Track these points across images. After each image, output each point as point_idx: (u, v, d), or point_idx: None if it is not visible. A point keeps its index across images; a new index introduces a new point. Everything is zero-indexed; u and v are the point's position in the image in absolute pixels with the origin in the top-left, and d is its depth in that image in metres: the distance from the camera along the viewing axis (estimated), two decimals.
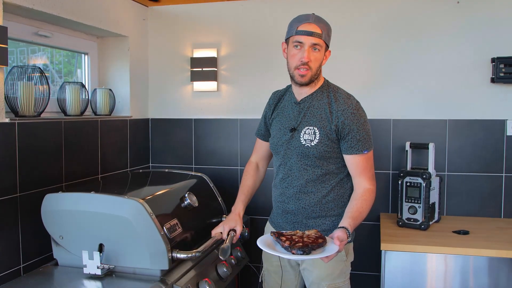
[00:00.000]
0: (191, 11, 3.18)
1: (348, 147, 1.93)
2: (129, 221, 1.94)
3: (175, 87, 3.26)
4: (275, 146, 2.06)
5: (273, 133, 2.09)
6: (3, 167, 2.02)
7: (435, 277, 2.32)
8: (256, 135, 2.28)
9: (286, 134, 2.01)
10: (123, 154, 3.00)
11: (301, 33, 1.87)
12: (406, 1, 2.85)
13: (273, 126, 2.11)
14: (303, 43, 1.88)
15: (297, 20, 1.92)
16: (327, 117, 1.94)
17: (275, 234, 1.77)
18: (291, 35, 1.92)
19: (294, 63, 1.92)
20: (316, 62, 1.91)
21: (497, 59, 2.69)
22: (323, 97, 1.98)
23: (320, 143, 1.93)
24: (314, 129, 1.95)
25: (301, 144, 1.95)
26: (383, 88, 2.91)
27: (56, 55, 2.80)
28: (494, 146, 2.79)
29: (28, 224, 2.15)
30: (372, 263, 2.96)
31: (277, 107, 2.12)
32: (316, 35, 1.87)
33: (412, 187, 2.60)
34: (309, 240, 1.70)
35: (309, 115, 1.97)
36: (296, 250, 1.65)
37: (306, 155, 1.95)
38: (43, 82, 2.29)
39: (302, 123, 1.98)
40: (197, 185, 2.60)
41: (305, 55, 1.87)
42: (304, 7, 2.94)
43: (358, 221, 1.85)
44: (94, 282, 1.94)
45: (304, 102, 2.00)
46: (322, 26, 1.90)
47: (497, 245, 2.26)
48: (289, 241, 1.70)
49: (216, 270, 2.28)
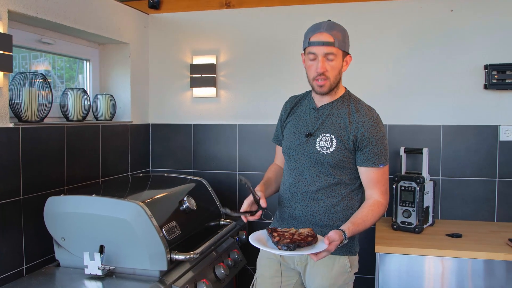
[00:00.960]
0: (190, 19, 3.25)
1: (364, 159, 1.92)
2: (129, 223, 2.00)
3: (175, 93, 3.32)
4: (287, 149, 2.04)
5: (286, 136, 2.08)
6: (7, 171, 2.08)
7: (429, 279, 2.36)
8: (274, 142, 2.26)
9: (300, 138, 1.99)
10: (123, 159, 3.06)
11: (313, 44, 1.87)
12: (400, 9, 2.92)
13: (286, 129, 2.10)
14: (316, 54, 1.87)
15: (310, 30, 1.91)
16: (345, 126, 1.93)
17: (268, 230, 1.80)
18: (306, 47, 1.92)
19: (311, 75, 1.92)
20: (333, 71, 1.89)
21: (490, 66, 2.75)
22: (344, 106, 1.98)
23: (336, 151, 1.91)
24: (331, 136, 1.93)
25: (316, 150, 1.93)
26: (378, 94, 2.97)
27: (58, 61, 2.87)
28: (487, 151, 2.85)
29: (31, 226, 2.20)
30: (367, 266, 3.00)
31: (293, 111, 2.10)
32: (327, 44, 1.84)
33: (406, 191, 2.65)
34: (298, 238, 1.72)
35: (327, 122, 1.96)
36: (281, 246, 1.67)
37: (321, 162, 1.93)
38: (46, 88, 2.35)
39: (319, 130, 1.96)
40: (196, 189, 2.66)
41: (320, 65, 1.86)
42: (302, 15, 3.02)
43: (360, 228, 1.83)
44: (95, 283, 1.99)
45: (323, 109, 1.99)
46: (335, 33, 1.86)
47: (489, 248, 2.31)
48: (278, 237, 1.72)
49: (213, 271, 2.34)
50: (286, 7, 3.07)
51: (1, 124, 2.05)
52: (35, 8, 2.23)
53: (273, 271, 2.07)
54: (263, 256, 2.11)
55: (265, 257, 2.10)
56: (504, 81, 2.74)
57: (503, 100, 2.81)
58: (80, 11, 2.55)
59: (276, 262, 2.05)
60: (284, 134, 2.12)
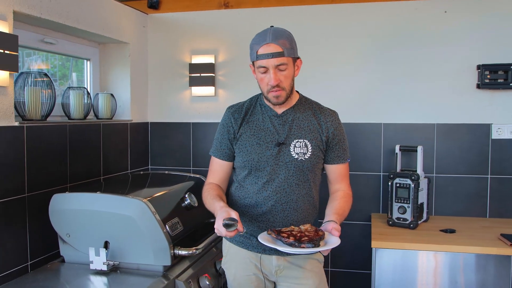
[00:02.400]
0: (189, 19, 3.30)
1: (335, 156, 1.95)
2: (133, 220, 2.05)
3: (174, 92, 3.37)
4: (255, 162, 1.89)
5: (247, 148, 1.92)
6: (13, 169, 2.12)
7: (423, 273, 2.44)
8: (215, 155, 2.01)
9: (269, 148, 1.89)
10: (124, 157, 3.11)
11: (261, 57, 1.78)
12: (396, 11, 2.99)
13: (243, 142, 1.93)
14: (266, 66, 1.79)
15: (256, 42, 1.82)
16: (316, 128, 1.92)
17: (274, 232, 1.76)
18: (254, 60, 1.84)
19: (265, 88, 1.85)
20: (286, 80, 1.82)
21: (483, 66, 2.82)
22: (306, 109, 1.95)
23: (313, 155, 1.89)
24: (304, 141, 1.89)
25: (293, 158, 1.88)
26: (374, 94, 3.04)
27: (51, 59, 2.87)
28: (480, 149, 2.93)
29: (35, 223, 2.25)
30: (364, 261, 3.07)
31: (245, 121, 1.96)
32: (277, 55, 1.77)
33: (401, 188, 2.72)
34: (310, 234, 1.72)
35: (295, 127, 1.91)
36: (306, 244, 1.65)
37: (300, 168, 1.89)
38: (49, 87, 2.39)
39: (289, 136, 1.90)
40: (195, 186, 2.71)
41: (273, 77, 1.79)
42: (297, 15, 3.08)
43: (342, 218, 1.85)
44: (100, 278, 2.04)
45: (286, 115, 1.93)
46: (283, 42, 1.78)
47: (482, 243, 2.38)
48: (293, 237, 1.70)
49: (214, 266, 2.40)
50: (283, 8, 3.12)
51: (7, 123, 2.09)
52: (39, 8, 2.27)
53: (251, 274, 1.99)
54: (240, 256, 2.01)
55: (241, 257, 2.00)
56: (496, 81, 2.82)
57: (495, 99, 2.89)
58: (82, 11, 2.59)
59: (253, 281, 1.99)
60: (241, 147, 1.94)
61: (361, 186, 3.05)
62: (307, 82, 2.44)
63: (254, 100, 2.03)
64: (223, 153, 1.99)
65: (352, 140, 2.97)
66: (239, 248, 1.99)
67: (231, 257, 2.02)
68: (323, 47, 3.09)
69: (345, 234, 1.85)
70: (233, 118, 1.98)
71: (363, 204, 3.07)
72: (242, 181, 1.97)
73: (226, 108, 2.05)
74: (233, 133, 1.96)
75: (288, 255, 1.90)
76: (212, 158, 2.04)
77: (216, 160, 2.02)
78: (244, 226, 1.89)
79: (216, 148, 2.01)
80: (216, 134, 2.04)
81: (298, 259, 1.94)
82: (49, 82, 2.39)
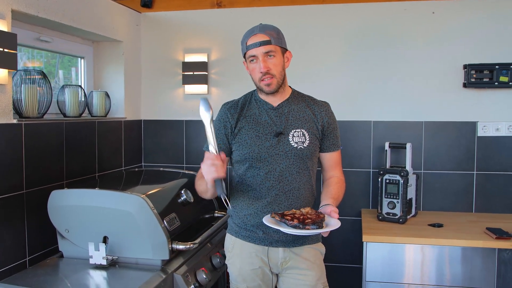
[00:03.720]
0: (182, 18, 3.34)
1: (330, 144, 2.05)
2: (132, 215, 2.09)
3: (167, 89, 3.40)
4: (256, 154, 1.96)
5: (246, 141, 1.98)
6: (11, 166, 2.15)
7: (412, 265, 2.52)
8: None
9: (269, 139, 1.96)
10: (118, 154, 3.14)
11: (250, 47, 1.91)
12: (385, 11, 3.06)
13: (242, 136, 1.99)
14: (255, 55, 1.91)
15: (245, 36, 1.96)
16: (311, 118, 2.01)
17: (278, 215, 1.79)
18: (245, 51, 1.96)
19: (256, 77, 1.95)
20: (276, 67, 1.93)
21: (469, 65, 2.92)
22: (300, 101, 2.05)
23: (311, 143, 1.98)
24: (302, 131, 1.98)
25: (292, 147, 1.95)
26: (364, 92, 3.11)
27: (37, 56, 2.86)
28: (466, 146, 3.02)
29: (33, 219, 2.28)
30: (354, 255, 3.15)
31: (242, 116, 2.03)
32: (264, 43, 1.89)
33: (391, 184, 2.80)
34: (313, 216, 1.78)
35: (292, 118, 1.99)
36: (310, 226, 1.71)
37: (300, 157, 1.96)
38: (45, 84, 2.41)
39: (287, 127, 1.98)
40: (190, 182, 2.74)
41: (262, 65, 1.90)
42: (289, 15, 3.14)
43: (337, 203, 1.93)
44: (100, 272, 2.08)
45: (282, 107, 2.01)
46: (269, 32, 1.92)
47: (468, 236, 2.47)
48: (297, 219, 1.75)
49: (210, 260, 2.45)
50: (275, 8, 3.18)
51: (6, 120, 2.12)
52: (36, 7, 2.29)
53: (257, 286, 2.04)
54: (246, 251, 2.04)
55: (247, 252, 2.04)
56: (482, 80, 2.91)
57: (481, 98, 2.98)
58: (77, 10, 2.61)
59: (258, 274, 2.03)
60: (237, 141, 2.00)
61: (352, 183, 3.12)
62: (298, 81, 2.49)
63: (248, 96, 2.11)
64: (219, 147, 1.99)
65: (342, 137, 2.99)
66: (244, 242, 2.03)
67: (236, 252, 2.05)
68: (314, 46, 3.16)
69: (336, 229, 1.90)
70: (229, 114, 2.03)
71: (353, 200, 3.15)
72: (243, 175, 2.01)
73: (222, 105, 2.10)
74: (230, 127, 2.02)
75: (293, 247, 1.99)
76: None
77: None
78: (249, 219, 1.99)
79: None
80: None
81: (303, 251, 2.01)
82: (45, 80, 2.42)
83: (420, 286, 2.52)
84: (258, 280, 2.02)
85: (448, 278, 2.49)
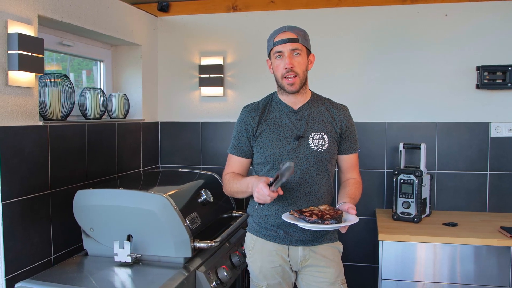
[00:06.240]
0: (198, 21, 3.40)
1: (348, 147, 2.10)
2: (155, 214, 2.15)
3: (183, 92, 3.47)
4: (277, 157, 2.00)
5: (267, 144, 2.03)
6: (38, 167, 2.22)
7: (427, 264, 2.56)
8: (234, 153, 2.12)
9: (289, 142, 2.00)
10: (136, 155, 3.20)
11: (278, 43, 1.97)
12: (398, 14, 3.11)
13: (263, 138, 2.04)
14: (282, 51, 1.96)
15: (273, 34, 2.03)
16: (330, 121, 2.06)
17: (297, 212, 1.84)
18: (271, 48, 2.02)
19: (280, 73, 1.99)
20: (300, 66, 1.98)
21: (482, 67, 2.95)
22: (319, 104, 2.09)
23: (330, 146, 2.03)
24: (321, 134, 2.02)
25: (312, 150, 2.00)
26: (378, 94, 3.16)
27: (48, 59, 2.86)
28: (479, 147, 3.06)
29: (58, 219, 2.35)
30: (369, 255, 3.19)
31: (263, 119, 2.07)
32: (292, 41, 1.95)
33: (405, 184, 2.84)
34: (331, 212, 1.83)
35: (312, 121, 2.04)
36: (329, 221, 1.75)
37: (319, 159, 2.01)
38: (69, 88, 2.48)
39: (307, 130, 2.02)
40: (208, 182, 2.81)
41: (287, 61, 1.95)
42: (303, 19, 3.19)
43: (355, 202, 1.97)
44: (124, 269, 2.14)
45: (302, 110, 2.06)
46: (297, 31, 1.98)
47: (483, 235, 2.51)
48: (315, 215, 1.80)
49: (230, 259, 2.50)
50: (290, 11, 3.24)
51: (33, 122, 2.19)
52: (61, 12, 2.37)
53: (277, 284, 2.09)
54: (267, 249, 2.09)
55: (268, 250, 2.08)
56: (495, 81, 2.95)
57: (493, 99, 3.02)
58: (98, 15, 2.68)
59: (279, 272, 2.07)
60: (260, 144, 2.05)
61: (366, 183, 3.13)
62: (314, 83, 2.54)
63: (268, 98, 2.15)
64: (240, 150, 2.11)
65: None
66: (265, 241, 2.08)
67: (257, 251, 2.10)
68: (329, 49, 3.21)
69: (350, 228, 1.95)
70: (250, 117, 2.09)
71: (368, 200, 3.19)
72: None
73: (243, 107, 2.16)
74: (252, 130, 2.07)
75: (313, 245, 2.04)
76: (229, 155, 2.15)
77: (234, 157, 2.13)
78: (270, 219, 2.04)
79: (234, 146, 2.12)
80: (233, 132, 2.15)
81: (322, 249, 2.06)
82: (69, 83, 2.48)
83: (434, 284, 2.56)
84: (278, 278, 2.07)
85: (462, 276, 2.53)
